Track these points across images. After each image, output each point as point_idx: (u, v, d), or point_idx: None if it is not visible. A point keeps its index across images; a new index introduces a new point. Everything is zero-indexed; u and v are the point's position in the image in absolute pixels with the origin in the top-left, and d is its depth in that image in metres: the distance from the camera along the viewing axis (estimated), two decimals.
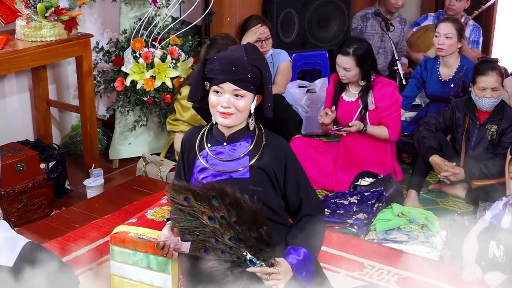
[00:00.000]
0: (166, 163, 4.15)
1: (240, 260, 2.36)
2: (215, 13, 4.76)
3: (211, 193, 2.33)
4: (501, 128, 3.92)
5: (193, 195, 2.35)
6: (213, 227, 2.34)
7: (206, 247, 2.36)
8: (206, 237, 2.35)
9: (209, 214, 2.34)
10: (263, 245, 2.36)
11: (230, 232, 2.34)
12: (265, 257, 2.36)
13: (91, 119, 4.19)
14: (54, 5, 3.78)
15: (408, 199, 3.92)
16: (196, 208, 2.34)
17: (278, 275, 2.36)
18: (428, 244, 3.33)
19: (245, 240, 2.34)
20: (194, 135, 2.54)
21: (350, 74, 4.00)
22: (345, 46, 4.01)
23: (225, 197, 2.33)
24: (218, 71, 2.38)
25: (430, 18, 5.72)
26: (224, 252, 2.36)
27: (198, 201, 2.34)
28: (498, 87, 3.86)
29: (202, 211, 2.34)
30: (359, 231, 3.51)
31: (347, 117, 4.14)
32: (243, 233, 2.34)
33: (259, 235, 2.35)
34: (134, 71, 4.26)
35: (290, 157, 2.49)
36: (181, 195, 2.36)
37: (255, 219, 2.34)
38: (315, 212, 2.50)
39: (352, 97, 4.13)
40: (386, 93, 4.05)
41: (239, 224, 2.33)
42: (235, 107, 2.39)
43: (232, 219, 2.33)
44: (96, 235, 3.41)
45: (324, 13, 5.15)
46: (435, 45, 4.50)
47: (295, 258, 2.40)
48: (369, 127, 4.04)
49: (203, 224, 2.35)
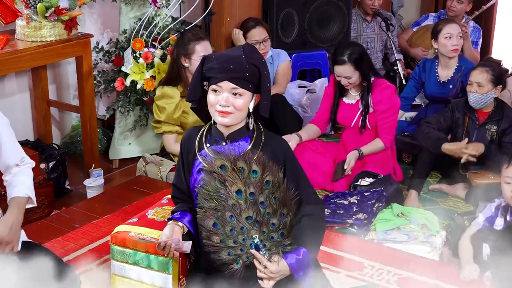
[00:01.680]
0: (166, 163, 4.15)
1: (244, 243, 2.36)
2: (215, 13, 4.76)
3: (254, 166, 2.34)
4: (501, 128, 3.92)
5: (232, 164, 2.34)
6: (236, 201, 2.33)
7: (218, 218, 2.36)
8: (223, 209, 2.35)
9: (239, 187, 2.33)
10: (277, 234, 2.37)
11: (250, 211, 2.34)
12: (270, 248, 2.37)
13: (91, 119, 4.19)
14: (54, 5, 3.78)
15: (409, 199, 3.91)
16: (229, 177, 2.33)
17: (271, 273, 2.36)
18: (428, 244, 3.33)
19: (261, 223, 2.35)
20: (193, 135, 2.54)
21: (353, 79, 4.01)
22: (339, 55, 3.99)
23: (266, 173, 2.34)
24: (217, 69, 2.38)
25: (430, 18, 5.72)
26: (233, 230, 2.35)
27: (234, 171, 2.34)
28: (484, 84, 3.87)
29: (233, 182, 2.33)
30: (359, 231, 3.51)
31: (347, 119, 4.15)
32: (263, 217, 2.34)
33: (279, 223, 2.36)
34: (134, 71, 4.26)
35: (289, 156, 2.49)
36: (219, 161, 2.36)
37: (284, 205, 2.36)
38: (315, 211, 2.50)
39: (352, 100, 4.13)
40: (385, 97, 4.05)
41: (265, 206, 2.34)
42: (234, 106, 2.39)
43: (260, 198, 2.34)
44: (96, 235, 3.41)
45: (324, 13, 5.15)
46: (448, 47, 4.44)
47: (294, 258, 2.40)
48: (364, 149, 4.05)
49: (228, 195, 2.34)
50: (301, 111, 4.84)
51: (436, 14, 5.75)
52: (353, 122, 4.11)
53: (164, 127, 4.04)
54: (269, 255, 2.37)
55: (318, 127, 4.27)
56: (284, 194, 2.36)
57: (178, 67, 4.00)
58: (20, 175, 2.71)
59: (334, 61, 4.05)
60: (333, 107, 4.19)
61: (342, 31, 5.25)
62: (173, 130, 4.03)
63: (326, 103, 4.24)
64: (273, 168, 2.36)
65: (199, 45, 3.97)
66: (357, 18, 5.54)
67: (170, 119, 4.01)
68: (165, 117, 4.01)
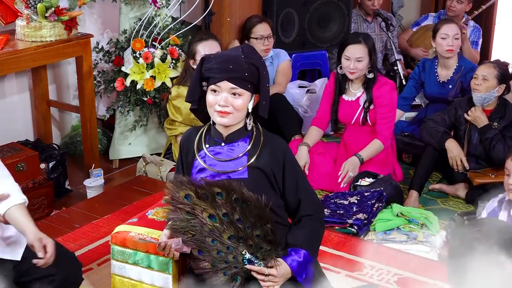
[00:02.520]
0: (166, 163, 4.15)
1: (236, 260, 2.34)
2: (215, 13, 4.76)
3: (216, 189, 2.31)
4: (503, 125, 3.92)
5: (196, 192, 2.32)
6: (212, 226, 2.31)
7: (200, 247, 2.34)
8: (202, 237, 2.33)
9: (211, 212, 2.31)
10: (265, 243, 2.35)
11: (230, 231, 2.32)
12: (264, 257, 2.36)
13: (91, 119, 4.19)
14: (54, 5, 3.78)
15: (409, 199, 3.91)
16: (197, 205, 2.32)
17: (275, 278, 2.35)
18: (427, 243, 3.33)
19: (245, 239, 2.33)
20: (192, 136, 2.53)
21: (363, 64, 3.98)
22: (354, 37, 4.05)
23: (231, 193, 2.31)
24: (216, 69, 2.37)
25: (430, 18, 5.72)
26: (220, 252, 2.33)
27: (200, 198, 2.32)
28: (490, 78, 3.86)
29: (203, 209, 2.31)
30: (359, 231, 3.50)
31: (348, 116, 4.14)
32: (245, 231, 2.32)
33: (263, 233, 2.34)
34: (134, 71, 4.26)
35: (289, 157, 2.49)
36: (182, 192, 2.33)
37: (260, 216, 2.33)
38: (314, 212, 2.50)
39: (352, 97, 4.13)
40: (384, 92, 4.05)
41: (242, 222, 2.32)
42: (233, 106, 2.38)
43: (235, 216, 2.31)
44: (96, 235, 3.41)
45: (324, 13, 5.15)
46: (443, 47, 4.46)
47: (295, 260, 2.39)
48: (362, 153, 4.04)
49: (202, 222, 2.32)
50: (301, 111, 4.84)
51: (436, 14, 5.75)
52: (353, 119, 4.11)
53: (180, 128, 4.05)
54: (265, 264, 2.35)
55: (320, 128, 4.26)
56: (256, 207, 2.32)
57: (187, 68, 4.08)
58: None
59: (346, 43, 4.02)
60: (333, 105, 4.19)
61: (342, 31, 5.25)
62: None
63: (327, 101, 4.23)
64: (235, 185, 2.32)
65: (200, 45, 4.01)
66: (358, 19, 5.54)
67: (187, 120, 4.02)
68: (182, 117, 4.02)
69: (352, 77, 4.04)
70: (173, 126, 4.09)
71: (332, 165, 4.17)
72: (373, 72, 4.03)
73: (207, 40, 4.04)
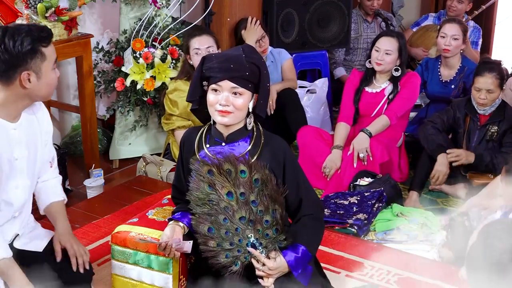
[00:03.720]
0: (166, 163, 4.15)
1: (240, 243, 2.37)
2: (215, 13, 4.76)
3: (241, 167, 2.35)
4: (502, 129, 3.91)
5: (217, 168, 2.36)
6: (228, 204, 2.35)
7: (211, 223, 2.37)
8: (216, 213, 2.36)
9: (229, 189, 2.34)
10: (271, 231, 2.38)
11: (242, 211, 2.35)
12: (267, 245, 2.38)
13: (91, 119, 4.19)
14: (54, 5, 3.78)
15: (409, 200, 3.91)
16: (218, 180, 2.35)
17: (270, 270, 2.37)
18: (427, 242, 3.33)
19: (255, 222, 2.36)
20: (193, 135, 2.54)
21: (391, 58, 4.05)
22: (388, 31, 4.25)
23: (253, 172, 2.34)
24: (216, 69, 2.38)
25: (430, 18, 5.72)
26: (228, 232, 2.37)
27: (222, 174, 2.35)
28: (494, 89, 3.84)
29: (223, 185, 2.35)
30: (359, 231, 3.51)
31: (369, 108, 4.19)
32: (256, 215, 2.35)
33: (272, 219, 2.37)
34: (134, 71, 4.26)
35: (289, 157, 2.49)
36: (206, 167, 2.37)
37: (275, 199, 2.36)
38: (314, 212, 2.51)
39: (377, 89, 4.19)
40: (411, 82, 4.14)
41: (257, 205, 2.35)
42: (234, 105, 2.39)
43: (251, 197, 2.35)
44: (96, 235, 3.41)
45: (324, 13, 5.14)
46: (441, 46, 4.47)
47: (292, 255, 2.40)
48: (370, 127, 4.05)
49: (219, 198, 2.35)
50: None
51: (436, 14, 5.75)
52: (375, 110, 4.16)
53: (178, 122, 4.04)
54: (267, 253, 2.38)
55: (347, 123, 4.25)
56: (273, 189, 2.37)
57: (184, 64, 4.10)
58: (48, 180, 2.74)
59: (380, 35, 4.14)
60: (356, 95, 4.21)
61: (342, 32, 5.24)
62: (186, 124, 4.01)
63: (349, 94, 4.25)
64: (259, 165, 2.37)
65: (193, 40, 4.01)
66: (358, 19, 5.54)
67: (184, 113, 4.01)
68: (179, 111, 4.02)
69: (378, 68, 4.10)
70: (170, 120, 4.08)
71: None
72: (400, 71, 4.09)
73: (200, 36, 4.03)
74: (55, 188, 2.74)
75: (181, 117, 4.04)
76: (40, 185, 2.70)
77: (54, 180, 2.75)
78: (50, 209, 2.69)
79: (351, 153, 4.02)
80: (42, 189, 2.71)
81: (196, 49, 3.97)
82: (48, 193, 2.71)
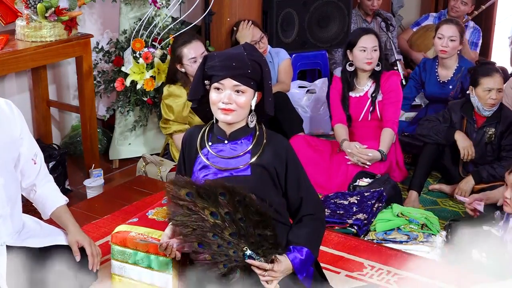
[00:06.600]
0: (166, 163, 4.15)
1: (236, 255, 2.34)
2: (215, 13, 4.76)
3: (219, 190, 2.32)
4: (499, 131, 3.90)
5: (197, 191, 2.33)
6: (214, 222, 2.32)
7: (201, 241, 2.34)
8: (203, 231, 2.33)
9: (212, 209, 2.32)
10: (266, 242, 2.36)
11: (232, 228, 2.32)
12: (265, 254, 2.36)
13: (91, 119, 4.19)
14: (54, 5, 3.78)
15: (409, 200, 3.91)
16: (198, 203, 2.32)
17: (275, 273, 2.36)
18: (427, 243, 3.33)
19: (247, 236, 2.33)
20: (195, 133, 2.54)
21: (377, 54, 4.11)
22: (361, 30, 4.27)
23: (234, 195, 2.32)
24: (218, 67, 2.38)
25: (431, 18, 5.72)
26: (220, 246, 2.34)
27: (201, 197, 2.33)
28: (502, 88, 3.87)
29: (204, 206, 2.32)
30: (359, 231, 3.50)
31: (357, 112, 4.21)
32: (246, 230, 2.32)
33: (264, 234, 2.35)
34: (134, 71, 4.26)
35: (291, 155, 2.50)
36: (183, 190, 2.34)
37: (262, 219, 2.34)
38: (315, 211, 2.51)
39: (360, 93, 4.20)
40: (392, 81, 4.18)
41: (244, 221, 2.32)
42: (236, 103, 2.39)
43: (237, 216, 2.32)
44: (96, 235, 3.40)
45: (324, 13, 5.15)
46: (438, 47, 4.47)
47: (297, 258, 2.40)
48: (382, 147, 4.07)
49: (203, 218, 2.32)
50: (301, 111, 4.83)
51: (436, 14, 5.75)
52: (361, 114, 4.17)
53: (174, 127, 4.04)
54: (266, 261, 2.36)
55: (344, 124, 4.26)
56: (258, 208, 2.33)
57: (174, 71, 4.05)
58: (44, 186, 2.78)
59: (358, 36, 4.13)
60: (344, 102, 4.23)
61: (342, 31, 5.24)
62: (183, 129, 4.01)
63: (336, 100, 4.26)
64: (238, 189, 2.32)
65: (185, 48, 3.98)
66: (357, 19, 5.54)
67: (179, 118, 4.02)
68: (174, 116, 4.01)
69: (369, 67, 4.13)
70: (167, 124, 4.09)
71: (328, 163, 4.17)
72: (380, 65, 4.13)
73: (190, 43, 4.01)
74: (54, 192, 2.80)
75: (177, 122, 4.04)
76: (39, 192, 2.75)
77: (49, 185, 2.79)
78: (56, 214, 2.77)
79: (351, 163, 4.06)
80: (41, 196, 2.75)
81: (192, 59, 3.96)
82: (50, 199, 2.76)
